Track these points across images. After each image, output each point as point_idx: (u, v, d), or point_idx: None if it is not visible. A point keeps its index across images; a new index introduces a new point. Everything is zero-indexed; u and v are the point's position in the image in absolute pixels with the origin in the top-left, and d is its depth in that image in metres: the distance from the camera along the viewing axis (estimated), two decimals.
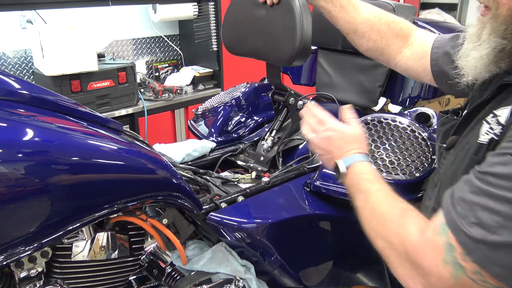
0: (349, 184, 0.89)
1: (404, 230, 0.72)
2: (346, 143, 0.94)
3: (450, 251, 0.64)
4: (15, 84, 0.82)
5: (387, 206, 0.79)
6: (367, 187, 0.84)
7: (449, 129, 0.92)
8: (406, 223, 0.73)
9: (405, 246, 0.70)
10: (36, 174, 0.70)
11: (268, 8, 1.23)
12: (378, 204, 0.80)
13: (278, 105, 1.46)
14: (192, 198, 0.98)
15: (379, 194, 0.82)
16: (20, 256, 0.74)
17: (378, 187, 0.83)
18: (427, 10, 4.86)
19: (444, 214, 0.67)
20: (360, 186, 0.86)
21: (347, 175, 0.90)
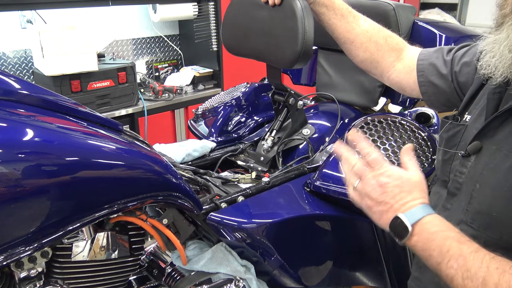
0: (424, 247, 0.72)
1: None
2: (406, 192, 0.76)
3: None
4: (15, 84, 0.82)
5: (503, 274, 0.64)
6: (460, 248, 0.69)
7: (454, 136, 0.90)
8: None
9: None
10: (36, 174, 0.70)
11: (269, 10, 1.23)
12: (490, 274, 0.65)
13: (278, 105, 1.46)
14: (192, 198, 0.98)
15: (479, 257, 0.67)
16: (20, 256, 0.74)
17: (471, 246, 0.69)
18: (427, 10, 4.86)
19: None
20: (448, 249, 0.69)
21: (415, 234, 0.73)
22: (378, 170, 0.79)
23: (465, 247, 0.69)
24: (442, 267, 0.70)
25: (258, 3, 1.24)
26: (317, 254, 1.25)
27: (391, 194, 0.76)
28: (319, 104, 1.68)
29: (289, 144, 1.43)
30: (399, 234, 0.74)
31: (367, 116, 1.31)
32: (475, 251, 0.68)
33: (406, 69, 1.13)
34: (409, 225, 0.72)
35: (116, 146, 0.84)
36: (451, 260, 0.68)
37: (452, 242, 0.70)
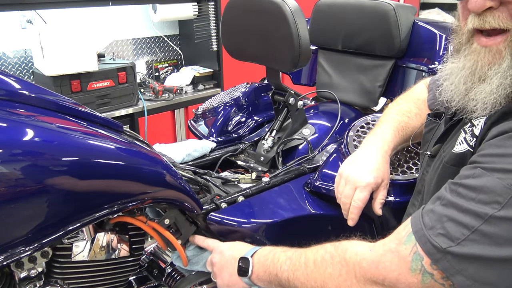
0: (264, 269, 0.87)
1: (350, 255, 0.72)
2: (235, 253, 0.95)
3: (417, 260, 0.64)
4: (15, 84, 0.82)
5: (317, 251, 0.78)
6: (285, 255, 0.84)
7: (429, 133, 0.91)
8: (348, 249, 0.74)
9: (362, 266, 0.70)
10: (36, 174, 0.70)
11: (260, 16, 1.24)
12: (307, 256, 0.79)
13: (278, 105, 1.46)
14: (192, 198, 0.98)
15: (300, 252, 0.81)
16: (20, 256, 0.74)
17: (294, 249, 0.83)
18: (427, 10, 4.86)
19: (412, 225, 0.67)
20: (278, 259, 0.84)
21: (256, 264, 0.88)
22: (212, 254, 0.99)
23: (289, 252, 0.83)
24: (279, 276, 0.82)
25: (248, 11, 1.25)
26: None
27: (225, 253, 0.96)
28: (319, 104, 1.68)
29: (289, 144, 1.43)
30: (245, 272, 0.88)
31: (367, 116, 1.31)
32: (296, 251, 0.83)
33: None
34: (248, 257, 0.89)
35: (116, 146, 0.84)
36: (282, 265, 0.82)
37: (279, 254, 0.85)
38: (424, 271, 0.63)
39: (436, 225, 0.63)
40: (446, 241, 0.61)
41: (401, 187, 1.11)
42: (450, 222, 0.62)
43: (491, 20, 0.65)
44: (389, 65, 1.53)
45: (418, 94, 1.14)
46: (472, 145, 0.71)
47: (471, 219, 0.59)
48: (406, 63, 1.53)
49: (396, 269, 0.66)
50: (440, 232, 0.62)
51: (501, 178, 0.58)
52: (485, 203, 0.59)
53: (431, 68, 1.46)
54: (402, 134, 1.08)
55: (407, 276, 0.65)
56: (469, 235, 0.59)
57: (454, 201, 0.63)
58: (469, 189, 0.62)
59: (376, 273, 0.68)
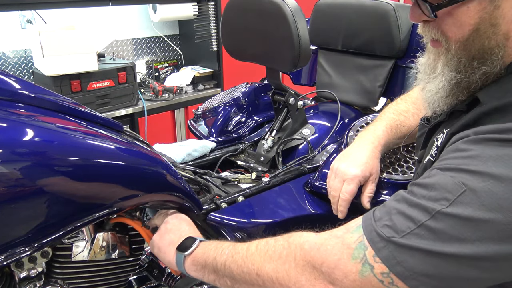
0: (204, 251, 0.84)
1: (295, 239, 0.72)
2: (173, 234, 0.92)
3: (361, 249, 0.64)
4: (15, 84, 0.82)
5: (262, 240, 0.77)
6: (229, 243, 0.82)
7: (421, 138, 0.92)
8: (294, 235, 0.73)
9: (303, 249, 0.70)
10: (36, 174, 0.70)
11: (260, 17, 1.24)
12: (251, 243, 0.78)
13: (278, 105, 1.46)
14: (192, 198, 0.98)
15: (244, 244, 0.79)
16: (20, 256, 0.74)
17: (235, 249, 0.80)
18: None
19: (363, 217, 0.68)
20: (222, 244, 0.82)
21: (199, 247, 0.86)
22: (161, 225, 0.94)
23: (237, 244, 0.80)
24: (217, 258, 0.80)
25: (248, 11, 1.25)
26: None
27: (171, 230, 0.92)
28: (319, 104, 1.68)
29: (289, 144, 1.43)
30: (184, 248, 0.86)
31: (367, 116, 1.31)
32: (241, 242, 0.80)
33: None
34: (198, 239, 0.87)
35: (116, 146, 0.84)
36: (224, 249, 0.80)
37: (227, 243, 0.82)
38: (365, 261, 0.63)
39: (384, 217, 0.64)
40: (391, 232, 0.62)
41: (401, 187, 1.11)
42: (398, 215, 0.63)
43: (427, 31, 0.70)
44: (389, 65, 1.53)
45: (417, 94, 1.14)
46: (433, 154, 0.73)
47: (419, 213, 0.60)
48: (406, 63, 1.53)
49: (337, 253, 0.66)
50: (386, 223, 0.63)
51: (453, 176, 0.59)
52: (435, 199, 0.60)
53: None
54: (396, 132, 1.08)
55: (347, 263, 0.64)
56: (414, 229, 0.60)
57: (406, 197, 0.64)
58: (422, 186, 0.63)
59: (316, 256, 0.67)
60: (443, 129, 0.74)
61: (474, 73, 0.67)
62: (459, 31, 0.66)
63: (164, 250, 0.90)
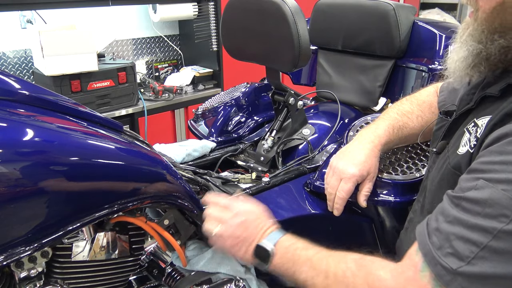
0: (283, 262, 0.83)
1: (373, 279, 0.70)
2: (262, 223, 0.90)
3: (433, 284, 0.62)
4: (15, 84, 0.82)
5: (339, 263, 0.75)
6: (306, 254, 0.80)
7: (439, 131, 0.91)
8: (370, 272, 0.71)
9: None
10: (36, 174, 0.70)
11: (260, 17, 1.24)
12: (328, 266, 0.76)
13: (278, 105, 1.46)
14: (192, 198, 0.98)
15: (321, 256, 0.78)
16: (20, 256, 0.74)
17: (316, 250, 0.80)
18: (427, 10, 4.86)
19: (421, 248, 0.66)
20: (299, 257, 0.81)
21: (276, 254, 0.84)
22: (232, 211, 0.91)
23: (310, 252, 0.80)
24: (296, 274, 0.80)
25: (248, 11, 1.25)
26: None
27: (251, 228, 0.89)
28: (319, 104, 1.68)
29: (289, 144, 1.43)
30: (263, 259, 0.86)
31: (367, 116, 1.31)
32: (318, 252, 0.80)
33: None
34: (270, 247, 0.85)
35: (116, 146, 0.84)
36: (302, 266, 0.79)
37: (301, 251, 0.81)
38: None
39: (444, 244, 0.61)
40: (455, 261, 0.59)
41: (401, 187, 1.11)
42: (457, 240, 0.60)
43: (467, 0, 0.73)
44: (389, 65, 1.53)
45: (424, 97, 1.14)
46: (472, 146, 0.70)
47: (479, 235, 0.58)
48: (406, 63, 1.53)
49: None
50: (448, 251, 0.60)
51: (505, 189, 0.57)
52: (492, 217, 0.57)
53: (431, 68, 1.46)
54: (398, 133, 1.08)
55: None
56: (479, 252, 0.57)
57: (460, 217, 0.61)
58: (474, 203, 0.60)
59: None
60: (473, 118, 0.73)
61: (493, 45, 0.69)
62: (487, 2, 0.69)
63: (237, 248, 0.90)
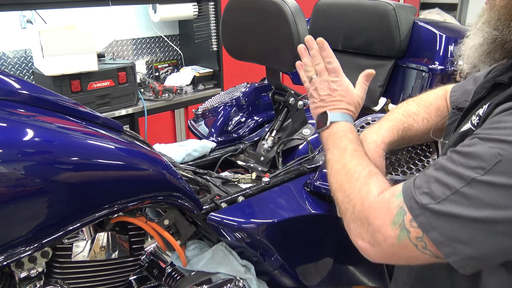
0: (328, 137, 0.91)
1: (366, 189, 0.75)
2: (344, 102, 0.95)
3: (400, 214, 0.67)
4: (15, 84, 0.82)
5: (358, 165, 0.81)
6: (346, 144, 0.86)
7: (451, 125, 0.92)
8: (369, 183, 0.76)
9: (363, 203, 0.74)
10: (36, 174, 0.70)
11: (261, 17, 1.24)
12: (350, 162, 0.83)
13: (278, 105, 1.46)
14: (192, 198, 0.98)
15: (354, 154, 0.84)
16: (21, 256, 0.74)
17: (356, 147, 0.86)
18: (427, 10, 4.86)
19: (404, 184, 0.71)
20: (340, 142, 0.87)
21: (330, 128, 0.92)
22: (334, 78, 0.97)
23: (350, 145, 0.86)
24: (328, 152, 0.89)
25: (248, 11, 1.25)
26: (317, 254, 1.25)
27: (333, 98, 0.95)
28: None
29: (289, 144, 1.43)
30: (320, 124, 0.94)
31: (367, 116, 1.31)
32: (353, 150, 0.85)
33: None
34: (329, 121, 0.92)
35: (116, 146, 0.84)
36: (336, 149, 0.87)
37: (346, 140, 0.88)
38: (403, 226, 0.66)
39: (423, 185, 0.67)
40: (428, 198, 0.64)
41: None
42: (435, 183, 0.65)
43: None
44: (389, 65, 1.53)
45: (432, 100, 1.13)
46: (474, 124, 0.74)
47: (455, 181, 0.63)
48: (406, 63, 1.53)
49: (381, 218, 0.70)
50: (425, 191, 0.66)
51: (491, 146, 0.61)
52: (471, 168, 0.62)
53: (431, 68, 1.47)
54: (402, 134, 1.08)
55: (388, 228, 0.68)
56: (450, 195, 0.62)
57: (444, 165, 0.66)
58: (461, 155, 0.65)
59: (368, 216, 0.72)
60: (483, 104, 0.75)
61: (510, 32, 0.70)
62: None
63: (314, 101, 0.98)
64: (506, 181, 0.58)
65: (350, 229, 0.77)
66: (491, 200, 0.59)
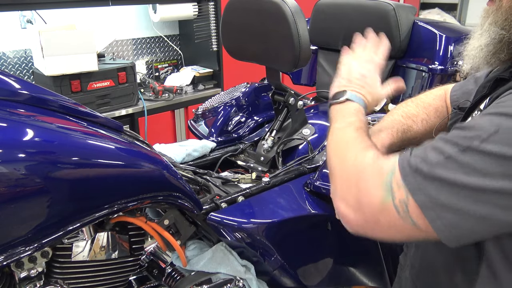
0: (339, 110, 0.90)
1: (362, 154, 0.75)
2: (366, 90, 0.95)
3: (390, 176, 0.67)
4: (15, 84, 0.82)
5: (360, 138, 0.81)
6: (354, 121, 0.86)
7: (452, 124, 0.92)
8: (367, 150, 0.76)
9: (357, 167, 0.73)
10: (36, 174, 0.70)
11: (261, 17, 1.24)
12: (353, 135, 0.82)
13: (278, 105, 1.46)
14: (192, 198, 0.98)
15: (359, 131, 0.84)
16: (20, 256, 0.74)
17: (363, 127, 0.85)
18: (427, 10, 4.86)
19: (401, 153, 0.71)
20: (349, 117, 0.87)
21: (343, 104, 0.91)
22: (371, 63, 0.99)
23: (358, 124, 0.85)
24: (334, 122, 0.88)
25: (249, 11, 1.25)
26: (317, 254, 1.25)
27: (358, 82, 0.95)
28: (319, 104, 1.68)
29: (289, 144, 1.43)
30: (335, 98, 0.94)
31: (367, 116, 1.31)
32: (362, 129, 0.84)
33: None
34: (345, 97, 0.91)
35: (116, 146, 0.84)
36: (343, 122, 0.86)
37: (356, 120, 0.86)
38: (389, 187, 0.66)
39: (419, 152, 0.67)
40: (421, 162, 0.65)
41: None
42: (431, 150, 0.65)
43: None
44: (389, 65, 1.53)
45: (431, 100, 1.13)
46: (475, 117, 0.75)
47: (450, 147, 0.63)
48: (406, 63, 1.53)
49: (371, 180, 0.70)
50: (420, 155, 0.66)
51: (492, 119, 0.61)
52: (469, 137, 0.62)
53: (431, 68, 1.47)
54: (402, 136, 1.08)
55: (375, 190, 0.68)
56: (442, 160, 0.63)
57: (444, 136, 0.66)
58: (462, 128, 0.65)
59: (358, 178, 0.72)
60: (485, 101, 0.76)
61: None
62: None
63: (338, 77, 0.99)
64: (500, 150, 0.58)
65: (336, 193, 0.76)
66: (482, 167, 0.59)
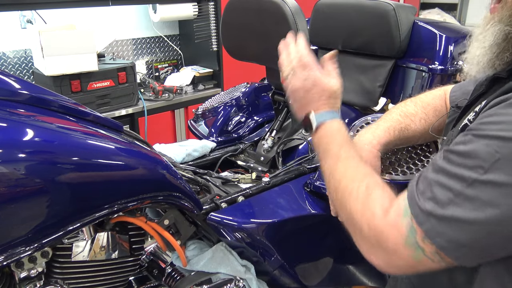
0: (318, 143, 0.88)
1: (369, 212, 0.73)
2: (323, 97, 0.90)
3: (412, 234, 0.66)
4: (15, 84, 0.82)
5: (354, 181, 0.78)
6: (337, 151, 0.83)
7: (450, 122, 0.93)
8: (371, 203, 0.74)
9: (369, 226, 0.72)
10: (36, 174, 0.70)
11: (260, 16, 1.24)
12: (345, 176, 0.80)
13: (278, 105, 1.47)
14: (192, 198, 0.98)
15: (347, 164, 0.81)
16: (20, 256, 0.74)
17: (347, 154, 0.83)
18: (427, 10, 4.86)
19: (408, 192, 0.70)
20: (330, 149, 0.84)
21: (317, 133, 0.88)
22: (308, 72, 0.92)
23: (342, 152, 0.83)
24: (322, 161, 0.86)
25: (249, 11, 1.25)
26: (317, 254, 1.25)
27: (311, 97, 0.90)
28: None
29: (289, 144, 1.43)
30: (308, 129, 0.90)
31: (367, 116, 1.31)
32: (346, 158, 0.82)
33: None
34: (315, 124, 0.88)
35: (116, 146, 0.84)
36: (329, 159, 0.84)
37: (335, 146, 0.84)
38: (417, 246, 0.65)
39: (426, 190, 0.66)
40: (432, 204, 0.64)
41: (402, 187, 1.10)
42: (438, 187, 0.64)
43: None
44: (389, 65, 1.53)
45: (429, 100, 1.13)
46: (470, 119, 0.74)
47: (456, 183, 0.62)
48: (406, 63, 1.53)
49: (394, 241, 0.68)
50: (429, 196, 0.65)
51: (487, 144, 0.60)
52: (470, 168, 0.61)
53: (431, 68, 1.47)
54: (399, 134, 1.08)
55: (402, 251, 0.67)
56: (454, 199, 0.61)
57: (444, 167, 0.65)
58: (458, 155, 0.64)
59: (377, 238, 0.70)
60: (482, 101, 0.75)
61: None
62: None
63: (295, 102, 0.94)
64: (504, 178, 0.57)
65: (362, 248, 0.75)
66: (490, 199, 0.58)
